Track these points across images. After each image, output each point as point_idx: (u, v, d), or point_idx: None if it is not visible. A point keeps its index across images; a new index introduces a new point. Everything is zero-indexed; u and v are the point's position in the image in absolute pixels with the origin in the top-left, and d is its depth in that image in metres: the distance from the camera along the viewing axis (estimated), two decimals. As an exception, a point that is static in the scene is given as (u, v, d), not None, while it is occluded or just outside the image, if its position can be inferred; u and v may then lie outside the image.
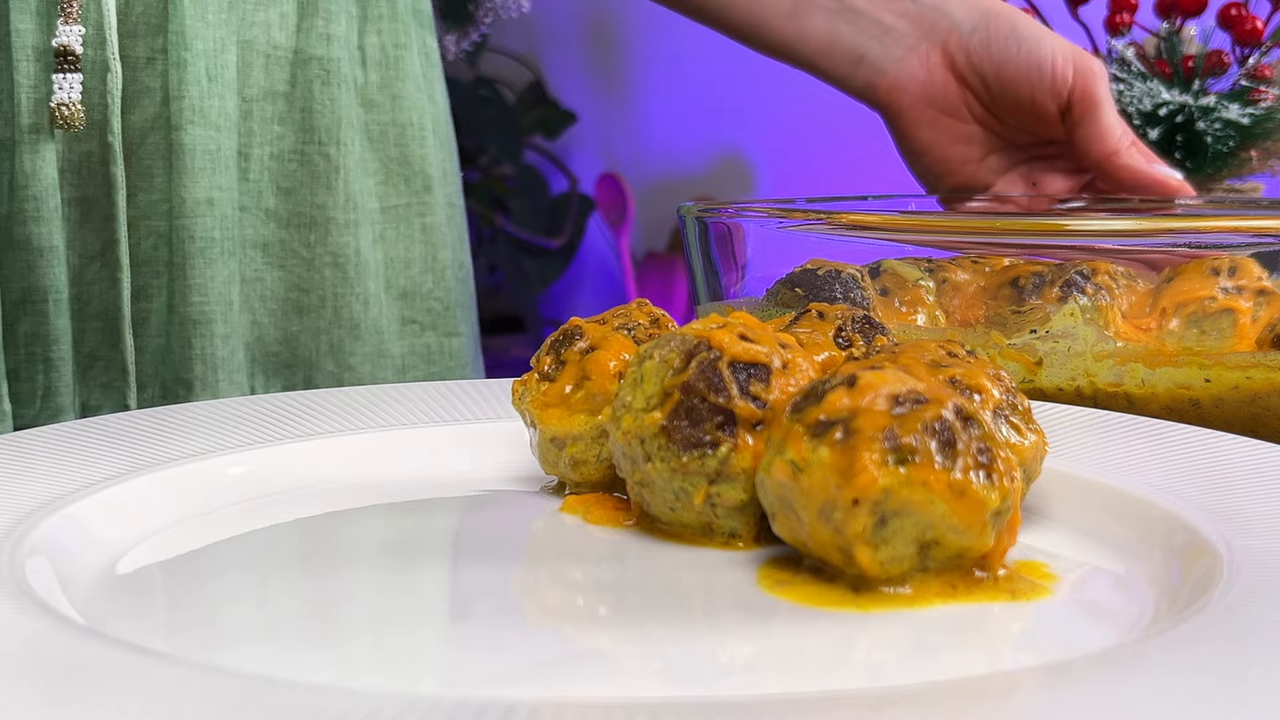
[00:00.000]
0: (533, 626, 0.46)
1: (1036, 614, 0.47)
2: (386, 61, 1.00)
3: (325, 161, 0.96)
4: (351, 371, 0.97)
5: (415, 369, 1.02)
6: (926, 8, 1.02)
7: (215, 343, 0.91)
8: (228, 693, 0.36)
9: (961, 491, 0.45)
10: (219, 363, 0.91)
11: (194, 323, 0.90)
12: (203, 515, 0.57)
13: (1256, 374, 0.69)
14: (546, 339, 0.61)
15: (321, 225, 0.96)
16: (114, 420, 0.64)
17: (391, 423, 0.67)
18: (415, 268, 1.01)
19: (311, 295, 0.96)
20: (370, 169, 1.00)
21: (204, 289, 0.90)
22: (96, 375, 0.89)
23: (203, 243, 0.89)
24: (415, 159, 1.01)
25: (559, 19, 2.87)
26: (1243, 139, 1.29)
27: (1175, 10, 1.34)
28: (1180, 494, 0.54)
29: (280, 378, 0.97)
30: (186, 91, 0.88)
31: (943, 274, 0.80)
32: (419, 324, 1.02)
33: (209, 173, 0.90)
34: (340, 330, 0.97)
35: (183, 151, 0.88)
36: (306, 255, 0.96)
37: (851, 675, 0.42)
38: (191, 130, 0.89)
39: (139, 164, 0.89)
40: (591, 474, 0.58)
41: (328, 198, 0.96)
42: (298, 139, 0.95)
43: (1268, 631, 0.40)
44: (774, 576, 0.49)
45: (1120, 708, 0.35)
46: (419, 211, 1.01)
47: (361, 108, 0.99)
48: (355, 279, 0.97)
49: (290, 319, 0.97)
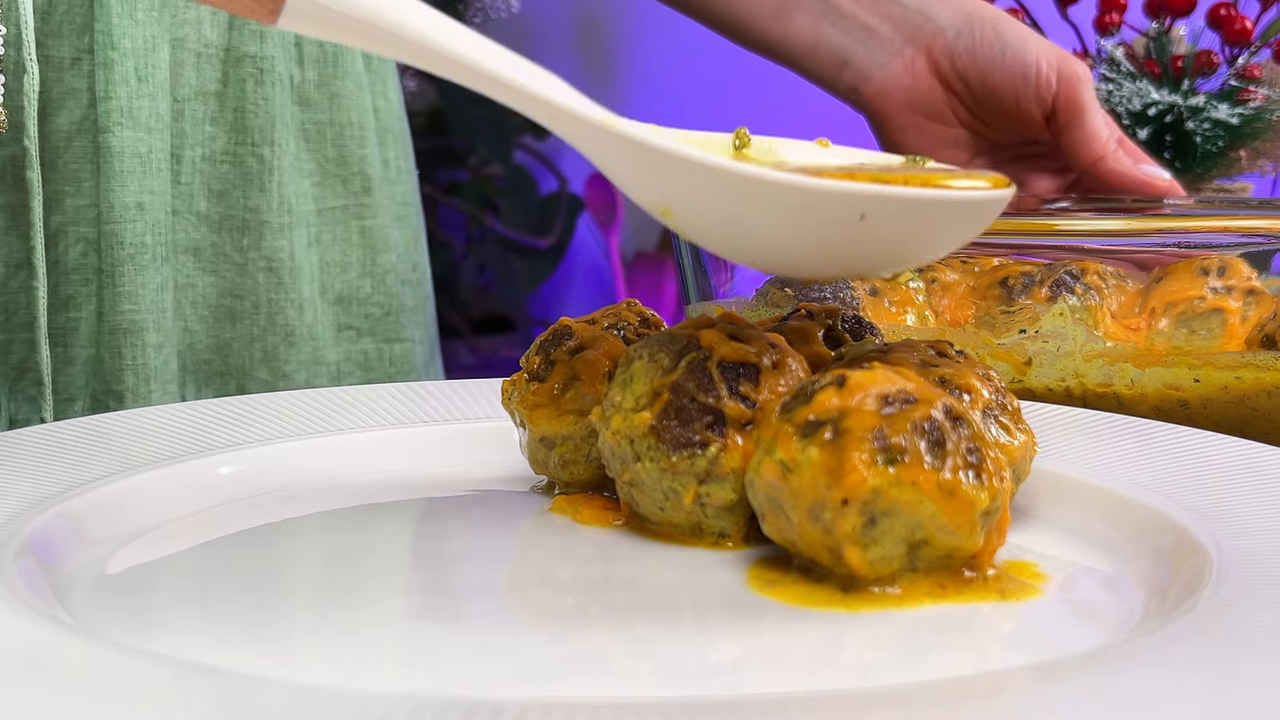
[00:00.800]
0: (522, 626, 0.46)
1: (1025, 614, 0.47)
2: (325, 59, 0.97)
3: (259, 163, 0.93)
4: (286, 379, 0.95)
5: (351, 376, 0.99)
6: (911, 11, 1.02)
7: (147, 352, 0.88)
8: (217, 693, 0.36)
9: (951, 491, 0.45)
10: (151, 373, 0.88)
11: (124, 331, 0.87)
12: (193, 515, 0.57)
13: (1246, 374, 0.70)
14: (536, 339, 0.61)
15: (255, 229, 0.93)
16: (104, 420, 0.64)
17: (381, 423, 0.66)
18: (353, 272, 0.99)
19: (245, 301, 0.94)
20: (306, 170, 0.97)
21: (134, 296, 0.87)
22: (24, 388, 0.86)
23: (133, 249, 0.87)
24: (354, 159, 0.99)
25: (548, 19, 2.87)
26: (1232, 139, 1.29)
27: (1164, 10, 1.34)
28: (1169, 494, 0.54)
29: (212, 386, 0.94)
30: (114, 92, 0.86)
31: (932, 274, 0.80)
32: (355, 330, 0.99)
33: (139, 176, 0.87)
34: (275, 337, 0.94)
35: (110, 154, 0.86)
36: (239, 260, 0.93)
37: (840, 675, 0.42)
38: (120, 132, 0.86)
39: (65, 168, 0.86)
40: (581, 474, 0.58)
41: (261, 200, 0.93)
42: (230, 139, 0.93)
43: (1256, 632, 0.40)
44: (763, 576, 0.49)
45: (1109, 708, 0.35)
46: (357, 214, 0.99)
47: (297, 106, 0.96)
48: (290, 284, 0.95)
49: (223, 326, 0.94)
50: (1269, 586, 0.44)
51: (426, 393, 0.71)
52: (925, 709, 0.35)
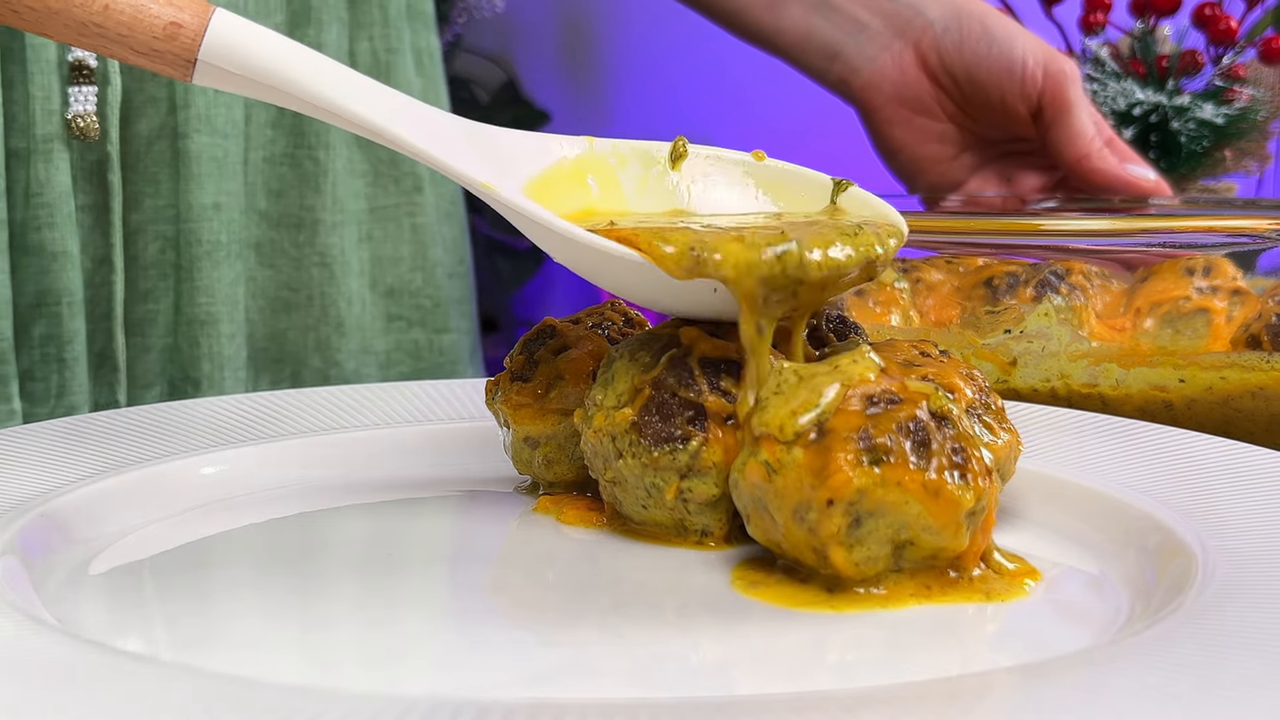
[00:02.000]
0: (506, 627, 0.46)
1: (1011, 615, 0.47)
2: (378, 67, 1.01)
3: (314, 165, 0.98)
4: (337, 367, 1.00)
5: (401, 364, 1.04)
6: (902, 5, 1.02)
7: (221, 341, 0.94)
8: (201, 693, 0.36)
9: (936, 491, 0.45)
10: (225, 360, 0.94)
11: (201, 323, 0.93)
12: (176, 516, 0.57)
13: (1231, 374, 0.69)
14: (520, 339, 0.61)
15: (309, 226, 0.99)
16: (87, 420, 0.64)
17: (365, 423, 0.66)
18: (404, 265, 1.04)
19: (300, 294, 0.99)
20: (359, 170, 1.02)
21: (211, 290, 0.93)
22: (104, 375, 0.91)
23: (209, 246, 0.92)
24: (405, 160, 1.02)
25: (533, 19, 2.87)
26: (1217, 139, 1.29)
27: (1149, 9, 1.34)
28: (1155, 494, 0.54)
29: (269, 373, 0.99)
30: (193, 101, 0.91)
31: (917, 274, 0.80)
32: (406, 320, 1.04)
33: (215, 178, 0.92)
34: (327, 327, 1.00)
35: (189, 158, 0.91)
36: (295, 255, 0.99)
37: (825, 676, 0.42)
38: (198, 138, 0.91)
39: (144, 171, 0.91)
40: (565, 474, 0.58)
41: (316, 199, 0.99)
42: (288, 143, 0.98)
43: (1242, 632, 0.40)
44: (747, 577, 0.49)
45: (1094, 709, 0.35)
46: (409, 211, 1.03)
47: None
48: (341, 278, 1.00)
49: (279, 316, 0.99)
50: (1254, 587, 0.44)
51: (410, 393, 0.71)
52: (911, 710, 0.35)
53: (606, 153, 0.58)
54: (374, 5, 1.01)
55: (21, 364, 0.88)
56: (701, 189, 0.59)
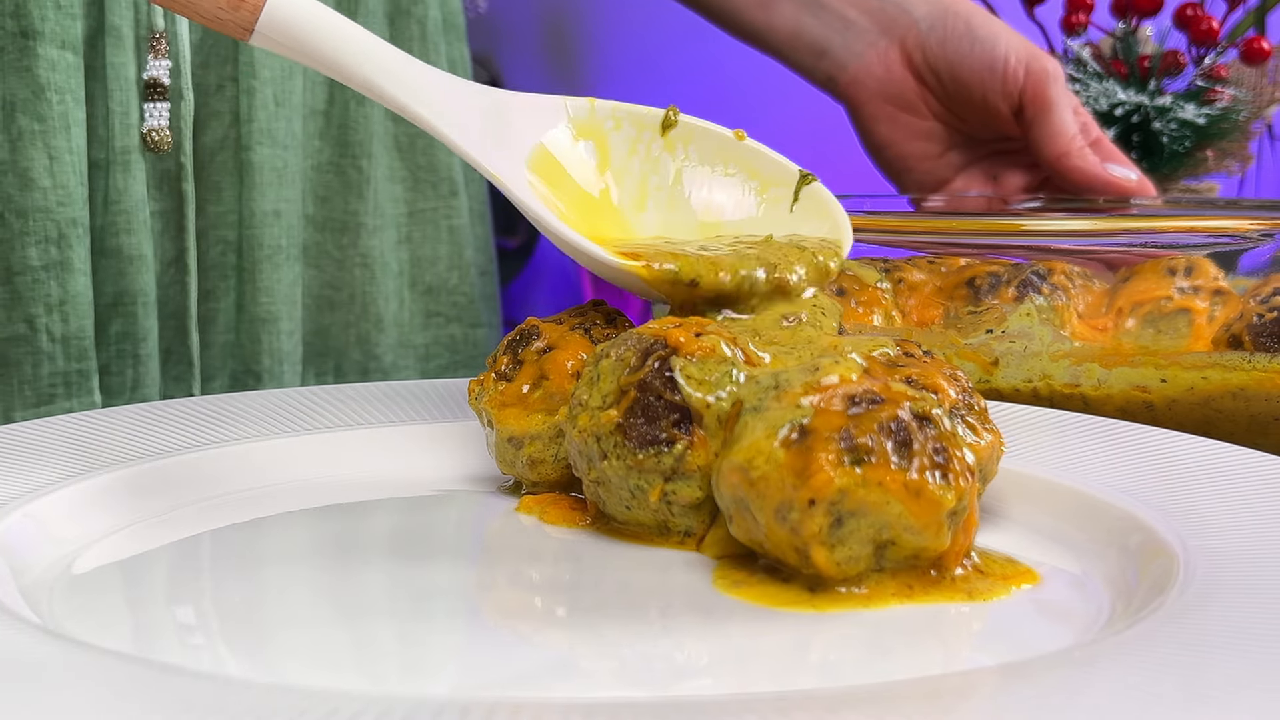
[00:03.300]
0: (489, 627, 0.46)
1: (992, 615, 0.47)
2: None
3: (357, 173, 1.03)
4: (376, 360, 1.06)
5: (439, 358, 1.09)
6: (888, 3, 1.04)
7: (280, 338, 0.99)
8: (183, 692, 0.36)
9: (917, 491, 0.45)
10: (284, 355, 0.99)
11: (262, 321, 0.98)
12: (158, 515, 0.57)
13: (1213, 374, 0.70)
14: (504, 339, 0.61)
15: (352, 230, 1.04)
16: (70, 420, 0.64)
17: (350, 423, 0.66)
18: (441, 265, 1.09)
19: (342, 293, 1.04)
20: (399, 176, 1.07)
21: (271, 291, 0.98)
22: (170, 369, 0.96)
23: (270, 250, 0.97)
24: (442, 166, 1.08)
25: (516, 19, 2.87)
26: (1199, 139, 1.29)
27: (1131, 10, 1.35)
28: (1136, 494, 0.54)
29: (314, 365, 1.05)
30: (255, 115, 0.96)
31: (899, 274, 0.80)
32: (443, 316, 1.09)
33: (276, 187, 0.97)
34: (367, 324, 1.05)
35: (252, 169, 0.96)
36: (338, 257, 1.04)
37: (807, 675, 0.42)
38: (260, 150, 0.96)
39: (208, 179, 0.96)
40: (549, 474, 0.58)
41: (359, 205, 1.04)
42: (334, 152, 1.03)
43: (1223, 632, 0.40)
44: (730, 577, 0.49)
45: (1076, 708, 0.35)
46: (445, 214, 1.08)
47: (391, 121, 1.06)
48: (380, 278, 1.05)
49: (323, 313, 1.04)
50: (1235, 587, 0.44)
51: (394, 393, 0.71)
52: (893, 709, 0.35)
53: (606, 114, 0.67)
54: (413, 20, 1.06)
55: (100, 359, 0.92)
56: (691, 180, 0.67)
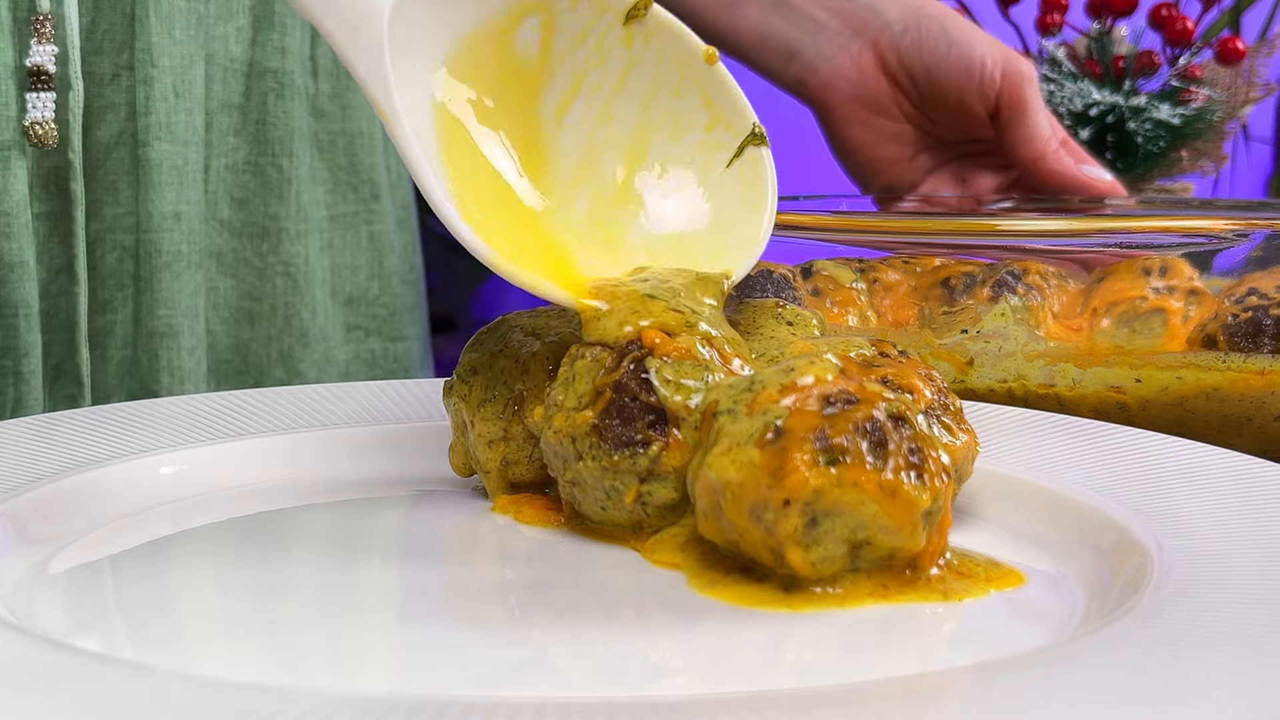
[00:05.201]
0: (464, 627, 0.46)
1: (967, 614, 0.47)
2: (338, 71, 1.00)
3: (278, 173, 0.97)
4: (300, 378, 0.99)
5: (359, 374, 1.03)
6: (860, 6, 1.03)
7: (182, 354, 0.91)
8: (159, 693, 0.35)
9: (892, 492, 0.45)
10: (185, 373, 0.92)
11: (161, 335, 0.91)
12: (135, 515, 0.57)
13: (1188, 374, 0.70)
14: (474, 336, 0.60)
15: (274, 235, 0.97)
16: (46, 420, 0.63)
17: (323, 423, 0.66)
18: (362, 274, 1.03)
19: (263, 304, 0.98)
20: (320, 178, 1.01)
21: (171, 302, 0.91)
22: (59, 387, 0.89)
23: (169, 256, 0.90)
24: (364, 167, 1.02)
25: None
26: (1173, 139, 1.30)
27: (1106, 10, 1.35)
28: (1111, 494, 0.54)
29: (231, 384, 0.97)
30: (154, 107, 0.89)
31: (874, 274, 0.80)
32: (364, 329, 1.03)
33: (176, 187, 0.90)
34: (290, 338, 0.98)
35: (149, 167, 0.89)
36: (259, 265, 0.97)
37: (782, 675, 0.42)
38: (159, 146, 0.89)
39: (103, 179, 0.89)
40: (523, 474, 0.57)
41: (280, 208, 0.97)
42: (251, 150, 0.96)
43: (1197, 631, 0.40)
44: (704, 577, 0.49)
45: (1051, 708, 0.35)
46: (366, 219, 1.02)
47: (312, 117, 1.00)
48: (304, 288, 0.98)
49: (242, 327, 0.98)
50: (1209, 586, 0.44)
51: (369, 392, 0.70)
52: (868, 708, 0.35)
53: None
54: None
55: None
56: (635, 87, 0.62)
